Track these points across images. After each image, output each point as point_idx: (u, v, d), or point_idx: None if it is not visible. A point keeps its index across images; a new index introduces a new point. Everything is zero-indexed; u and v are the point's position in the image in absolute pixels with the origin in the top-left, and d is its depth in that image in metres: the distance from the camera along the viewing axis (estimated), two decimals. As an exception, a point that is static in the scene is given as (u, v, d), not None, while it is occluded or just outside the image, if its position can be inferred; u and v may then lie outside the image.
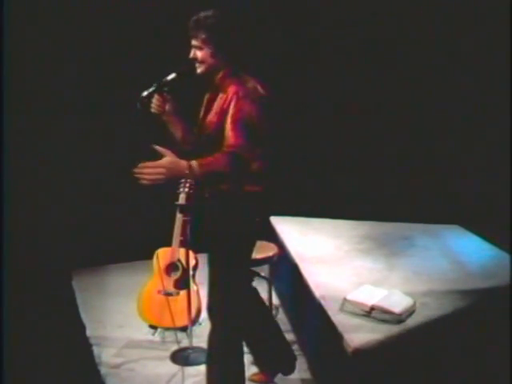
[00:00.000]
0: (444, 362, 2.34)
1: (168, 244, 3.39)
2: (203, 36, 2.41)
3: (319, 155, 4.63)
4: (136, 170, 2.22)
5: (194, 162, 2.26)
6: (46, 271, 2.36)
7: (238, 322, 2.69)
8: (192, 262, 3.34)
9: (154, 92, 2.52)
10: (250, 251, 2.64)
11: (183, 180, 3.20)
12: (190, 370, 3.12)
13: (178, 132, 2.64)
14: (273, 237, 3.80)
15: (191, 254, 3.29)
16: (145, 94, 2.51)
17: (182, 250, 3.25)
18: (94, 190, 4.53)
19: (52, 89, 4.06)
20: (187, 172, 2.26)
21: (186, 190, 3.19)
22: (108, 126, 4.50)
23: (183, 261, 3.25)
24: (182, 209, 3.22)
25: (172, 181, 2.32)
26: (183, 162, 2.26)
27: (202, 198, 2.62)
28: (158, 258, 3.49)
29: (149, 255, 3.55)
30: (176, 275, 3.37)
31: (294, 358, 2.98)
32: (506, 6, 3.50)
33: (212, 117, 2.47)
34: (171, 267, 3.40)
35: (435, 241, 3.59)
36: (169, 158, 2.28)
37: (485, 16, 3.82)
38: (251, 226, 2.61)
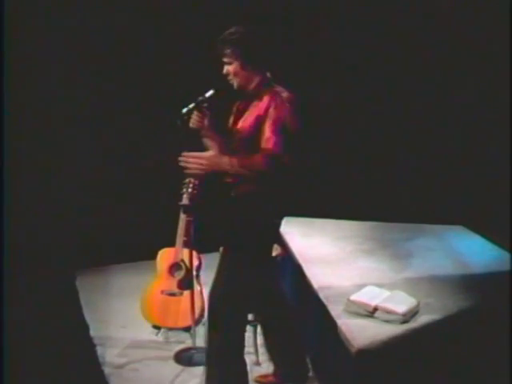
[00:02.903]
0: (447, 362, 2.33)
1: (172, 244, 3.40)
2: (229, 51, 2.55)
3: (321, 155, 4.63)
4: (182, 159, 2.46)
5: (234, 160, 2.44)
6: (50, 271, 2.36)
7: (240, 322, 2.69)
8: (195, 263, 3.34)
9: (193, 109, 2.65)
10: (264, 252, 2.70)
11: (187, 180, 3.22)
12: (193, 370, 3.13)
13: (215, 146, 2.74)
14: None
15: (195, 254, 3.29)
16: (185, 110, 2.64)
17: (186, 251, 3.26)
18: (99, 190, 4.54)
19: (60, 90, 4.08)
20: (228, 168, 2.46)
21: (190, 190, 3.20)
22: (110, 126, 4.51)
23: (187, 261, 3.25)
24: (186, 209, 3.23)
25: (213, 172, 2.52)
26: (225, 159, 2.46)
27: (217, 198, 2.67)
28: (161, 258, 3.50)
29: (152, 255, 3.56)
30: (179, 275, 3.38)
31: (307, 371, 3.01)
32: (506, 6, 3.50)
33: (244, 123, 2.58)
34: (175, 267, 3.41)
35: (439, 241, 3.58)
36: (212, 153, 2.52)
37: (485, 16, 3.82)
38: (269, 226, 2.66)
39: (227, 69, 2.59)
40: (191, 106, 2.65)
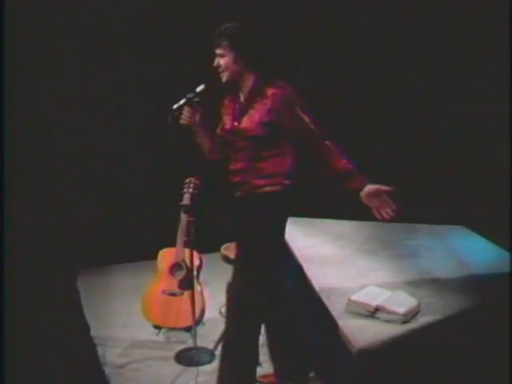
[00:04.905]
0: (448, 362, 2.33)
1: (172, 244, 3.40)
2: (225, 43, 2.53)
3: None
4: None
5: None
6: (51, 271, 2.37)
7: (256, 320, 2.69)
8: (196, 262, 3.35)
9: (184, 104, 2.62)
10: (278, 249, 2.71)
11: (188, 180, 3.22)
12: (194, 370, 3.12)
13: (205, 142, 2.72)
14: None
15: (195, 254, 3.30)
16: (175, 106, 2.61)
17: (187, 250, 3.26)
18: (99, 190, 4.54)
19: (56, 86, 4.09)
20: None
21: (191, 190, 3.20)
22: (109, 126, 4.50)
23: (187, 261, 3.26)
24: (187, 209, 3.23)
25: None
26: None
27: (235, 196, 2.67)
28: (162, 258, 3.50)
29: (153, 255, 3.56)
30: (180, 275, 3.38)
31: (309, 371, 3.00)
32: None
33: (250, 121, 2.55)
34: (175, 267, 3.41)
35: (440, 241, 3.58)
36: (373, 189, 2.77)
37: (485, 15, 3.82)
38: (282, 222, 2.68)
39: (218, 61, 2.56)
40: (182, 101, 2.61)
